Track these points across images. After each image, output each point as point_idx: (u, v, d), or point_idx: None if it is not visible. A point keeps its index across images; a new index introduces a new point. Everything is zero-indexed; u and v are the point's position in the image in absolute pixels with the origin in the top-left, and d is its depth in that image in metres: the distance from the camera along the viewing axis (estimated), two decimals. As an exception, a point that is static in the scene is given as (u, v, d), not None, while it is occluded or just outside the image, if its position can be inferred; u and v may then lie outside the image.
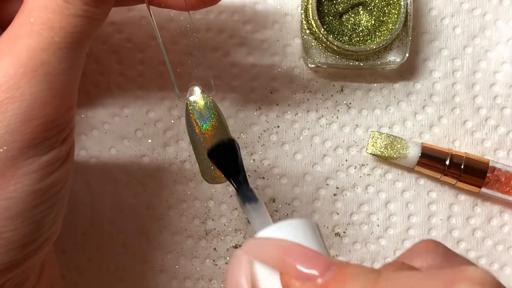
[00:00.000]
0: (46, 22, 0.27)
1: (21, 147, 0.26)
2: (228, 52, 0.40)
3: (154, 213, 0.40)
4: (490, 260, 0.41)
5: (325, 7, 0.39)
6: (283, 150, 0.40)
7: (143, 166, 0.40)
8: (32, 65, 0.26)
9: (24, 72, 0.26)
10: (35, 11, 0.27)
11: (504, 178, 0.39)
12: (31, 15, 0.27)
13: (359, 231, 0.40)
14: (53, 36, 0.27)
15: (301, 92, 0.40)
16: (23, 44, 0.27)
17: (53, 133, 0.27)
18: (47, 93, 0.27)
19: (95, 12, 0.29)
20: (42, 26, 0.27)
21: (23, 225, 0.27)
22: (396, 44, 0.39)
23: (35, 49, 0.27)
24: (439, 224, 0.40)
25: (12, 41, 0.27)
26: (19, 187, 0.26)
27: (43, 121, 0.27)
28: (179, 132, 0.40)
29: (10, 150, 0.26)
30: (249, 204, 0.29)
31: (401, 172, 0.41)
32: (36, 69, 0.26)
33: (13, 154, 0.26)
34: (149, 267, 0.40)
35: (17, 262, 0.28)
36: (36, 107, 0.26)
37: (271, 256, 0.24)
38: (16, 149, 0.26)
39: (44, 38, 0.27)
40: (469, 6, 0.41)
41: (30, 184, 0.27)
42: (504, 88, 0.41)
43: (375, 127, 0.41)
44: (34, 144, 0.27)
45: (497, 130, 0.41)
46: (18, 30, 0.27)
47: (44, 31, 0.27)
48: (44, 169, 0.27)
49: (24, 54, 0.26)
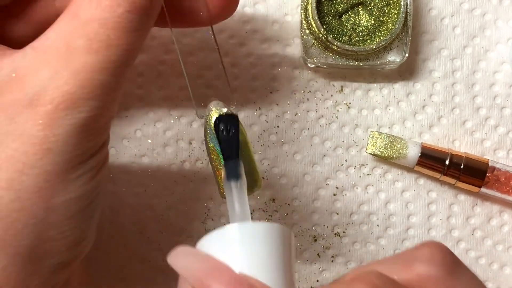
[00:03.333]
0: (105, 40, 0.26)
1: (76, 155, 0.27)
2: (228, 52, 0.40)
3: (154, 213, 0.40)
4: (490, 260, 0.41)
5: (325, 7, 0.39)
6: (282, 150, 0.40)
7: (143, 166, 0.40)
8: (90, 85, 0.26)
9: (83, 93, 0.26)
10: (93, 24, 0.26)
11: (504, 178, 0.39)
12: (88, 28, 0.26)
13: (358, 231, 0.40)
14: (111, 54, 0.26)
15: (301, 92, 0.41)
16: (81, 62, 0.26)
17: (100, 140, 0.28)
18: (102, 110, 0.27)
19: (147, 24, 0.28)
20: (101, 44, 0.26)
21: (79, 224, 0.28)
22: (396, 44, 0.39)
23: (94, 69, 0.26)
24: (439, 224, 0.41)
25: (67, 53, 0.26)
26: (75, 188, 0.27)
27: (95, 132, 0.27)
28: (179, 132, 0.40)
29: (67, 158, 0.27)
30: (232, 181, 0.29)
31: (401, 172, 0.41)
32: (93, 90, 0.26)
33: (70, 160, 0.27)
34: (149, 267, 0.40)
35: (73, 260, 0.29)
36: (91, 122, 0.27)
37: (193, 274, 0.25)
38: (72, 157, 0.27)
39: (102, 56, 0.26)
40: (469, 6, 0.41)
41: (83, 185, 0.28)
42: (504, 88, 0.41)
43: (374, 127, 0.41)
44: (86, 151, 0.27)
45: (497, 130, 0.41)
46: (72, 39, 0.26)
47: (102, 49, 0.26)
48: (92, 170, 0.28)
49: (83, 74, 0.26)
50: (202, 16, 0.32)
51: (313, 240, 0.40)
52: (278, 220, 0.40)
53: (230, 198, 0.28)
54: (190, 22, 0.32)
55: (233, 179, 0.29)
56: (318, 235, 0.40)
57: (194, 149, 0.40)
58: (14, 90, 0.26)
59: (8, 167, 0.26)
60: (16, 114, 0.26)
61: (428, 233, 0.40)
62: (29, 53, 0.27)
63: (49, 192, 0.26)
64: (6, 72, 0.26)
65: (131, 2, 0.27)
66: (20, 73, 0.26)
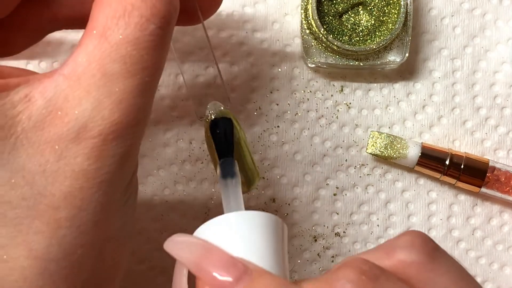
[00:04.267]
0: (140, 61, 0.25)
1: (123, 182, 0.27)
2: (228, 52, 0.40)
3: (154, 213, 0.40)
4: (490, 260, 0.41)
5: (325, 7, 0.39)
6: (283, 150, 0.40)
7: (144, 167, 0.40)
8: (134, 112, 0.25)
9: (128, 121, 0.25)
10: (126, 46, 0.25)
11: (504, 178, 0.39)
12: (122, 51, 0.25)
13: (359, 231, 0.40)
14: (146, 76, 0.25)
15: (301, 92, 0.41)
16: (121, 89, 0.25)
17: (136, 161, 0.28)
18: (142, 133, 0.26)
19: (171, 36, 0.27)
20: (136, 66, 0.25)
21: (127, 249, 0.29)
22: (396, 44, 0.39)
23: (134, 94, 0.25)
24: (439, 224, 0.41)
25: (104, 80, 0.25)
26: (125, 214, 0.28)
27: (136, 154, 0.27)
28: (179, 132, 0.40)
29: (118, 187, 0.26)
30: (227, 179, 0.30)
31: (401, 172, 0.41)
32: (137, 116, 0.25)
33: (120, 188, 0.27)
34: (149, 267, 0.40)
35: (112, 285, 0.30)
36: (135, 148, 0.26)
37: (188, 257, 0.25)
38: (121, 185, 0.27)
39: (139, 79, 0.25)
40: (469, 6, 0.41)
41: (129, 209, 0.28)
42: (504, 88, 0.41)
43: (375, 127, 0.41)
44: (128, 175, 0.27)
45: (497, 130, 0.41)
46: (106, 64, 0.25)
47: (138, 72, 0.25)
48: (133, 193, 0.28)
49: (125, 101, 0.25)
50: (192, 14, 0.31)
51: (313, 240, 0.40)
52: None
53: (226, 194, 0.30)
54: (181, 21, 0.32)
55: (228, 177, 0.30)
56: (318, 235, 0.40)
57: (194, 149, 0.40)
58: (56, 123, 0.25)
59: (66, 205, 0.25)
60: (64, 149, 0.25)
61: (428, 233, 0.40)
62: (62, 81, 0.25)
63: (106, 223, 0.26)
64: (42, 104, 0.25)
65: (161, 18, 0.25)
66: (58, 105, 0.25)
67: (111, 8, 0.25)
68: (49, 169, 0.25)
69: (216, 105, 0.34)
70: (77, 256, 0.25)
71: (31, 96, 0.25)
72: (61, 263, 0.25)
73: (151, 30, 0.25)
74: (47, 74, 0.26)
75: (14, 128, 0.24)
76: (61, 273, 0.25)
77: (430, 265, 0.26)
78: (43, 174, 0.25)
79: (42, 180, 0.25)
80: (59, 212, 0.25)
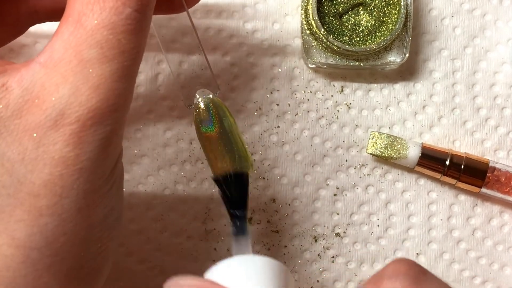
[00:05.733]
0: (117, 46, 0.25)
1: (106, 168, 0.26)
2: (228, 52, 0.40)
3: (154, 213, 0.40)
4: (490, 260, 0.41)
5: (325, 8, 0.39)
6: (283, 151, 0.40)
7: (144, 167, 0.40)
8: (113, 97, 0.25)
9: (107, 106, 0.25)
10: (102, 31, 0.24)
11: (504, 178, 0.39)
12: (98, 36, 0.24)
13: (359, 231, 0.40)
14: (124, 60, 0.25)
15: (301, 92, 0.40)
16: (98, 74, 0.25)
17: (120, 148, 0.28)
18: (123, 119, 0.26)
19: (150, 20, 0.26)
20: (114, 51, 0.25)
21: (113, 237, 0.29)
22: (396, 44, 0.39)
23: (112, 79, 0.25)
24: (439, 224, 0.41)
25: (81, 66, 0.25)
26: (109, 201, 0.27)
27: (118, 141, 0.27)
28: (179, 132, 0.40)
29: (99, 173, 0.26)
30: (239, 236, 0.30)
31: (401, 172, 0.41)
32: (116, 101, 0.25)
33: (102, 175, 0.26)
34: (149, 268, 0.40)
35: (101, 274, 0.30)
36: (116, 133, 0.26)
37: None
38: (103, 171, 0.26)
39: (117, 64, 0.25)
40: (469, 6, 0.41)
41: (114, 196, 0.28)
42: (504, 89, 0.41)
43: (375, 127, 0.41)
44: (111, 161, 0.27)
45: (497, 130, 0.41)
46: (83, 50, 0.25)
47: (116, 56, 0.25)
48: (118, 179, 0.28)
49: (103, 86, 0.25)
50: (175, 1, 0.31)
51: (314, 240, 0.40)
52: (278, 220, 0.40)
53: (236, 251, 0.30)
54: (165, 9, 0.31)
55: (240, 235, 0.30)
56: (318, 235, 0.40)
57: (195, 149, 0.40)
58: (33, 111, 0.25)
59: (46, 193, 0.25)
60: (42, 137, 0.25)
61: (429, 234, 0.40)
62: (39, 69, 0.25)
63: (89, 210, 0.26)
64: (19, 93, 0.25)
65: (138, 0, 0.25)
66: (35, 92, 0.25)
67: None
68: (28, 157, 0.24)
69: (204, 93, 0.33)
70: (60, 244, 0.25)
71: (8, 85, 0.25)
72: (44, 251, 0.25)
73: (127, 14, 0.25)
74: (25, 63, 0.26)
75: None
76: (44, 261, 0.25)
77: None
78: (22, 162, 0.24)
79: (22, 168, 0.24)
80: (39, 200, 0.25)
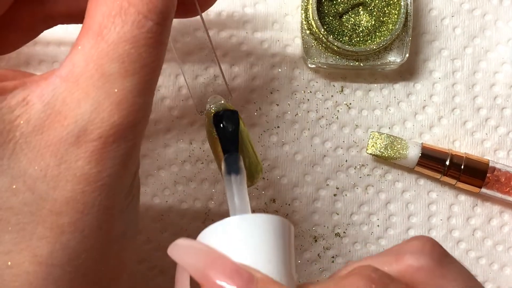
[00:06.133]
0: (138, 60, 0.24)
1: (126, 183, 0.26)
2: (228, 52, 0.40)
3: (154, 213, 0.40)
4: (490, 260, 0.41)
5: (325, 8, 0.39)
6: (283, 151, 0.40)
7: (143, 166, 0.40)
8: (134, 112, 0.25)
9: (129, 122, 0.24)
10: (123, 45, 0.24)
11: (504, 179, 0.39)
12: (119, 50, 0.24)
13: (359, 232, 0.40)
14: (145, 74, 0.25)
15: (301, 92, 0.40)
16: (120, 89, 0.24)
17: (137, 162, 0.28)
18: (143, 133, 0.26)
19: (169, 32, 0.26)
20: (135, 65, 0.24)
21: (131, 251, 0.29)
22: (396, 44, 0.39)
23: (133, 94, 0.24)
24: (439, 224, 0.41)
25: (103, 81, 0.24)
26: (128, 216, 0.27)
27: (136, 155, 0.27)
28: (179, 132, 0.40)
29: (120, 189, 0.26)
30: (232, 175, 0.29)
31: (401, 172, 0.41)
32: (137, 116, 0.25)
33: (122, 190, 0.26)
34: (149, 268, 0.40)
35: None
36: (135, 148, 0.26)
37: (192, 264, 0.25)
38: (124, 187, 0.26)
39: (138, 78, 0.24)
40: (469, 6, 0.41)
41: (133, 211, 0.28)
42: (504, 89, 0.41)
43: (375, 127, 0.41)
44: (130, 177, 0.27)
45: (497, 131, 0.41)
46: (104, 64, 0.24)
47: (137, 71, 0.24)
48: (136, 194, 0.28)
49: (124, 101, 0.24)
50: (189, 5, 0.31)
51: (314, 240, 0.40)
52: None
53: (230, 191, 0.29)
54: (178, 14, 0.31)
55: (233, 173, 0.29)
56: (318, 235, 0.40)
57: (195, 150, 0.40)
58: (55, 127, 0.24)
59: (68, 210, 0.24)
60: (64, 153, 0.24)
61: (429, 234, 0.40)
62: (59, 83, 0.25)
63: (109, 226, 0.26)
64: (40, 108, 0.24)
65: (159, 13, 0.25)
66: (56, 107, 0.24)
67: (107, 5, 0.24)
68: (50, 173, 0.24)
69: (216, 99, 0.33)
70: (81, 260, 0.25)
71: (28, 99, 0.24)
72: (66, 268, 0.25)
73: (148, 27, 0.24)
74: (44, 76, 0.25)
75: (12, 133, 0.24)
76: (65, 277, 0.25)
77: (439, 271, 0.26)
78: (44, 179, 0.24)
79: (44, 185, 0.24)
80: (62, 217, 0.24)
